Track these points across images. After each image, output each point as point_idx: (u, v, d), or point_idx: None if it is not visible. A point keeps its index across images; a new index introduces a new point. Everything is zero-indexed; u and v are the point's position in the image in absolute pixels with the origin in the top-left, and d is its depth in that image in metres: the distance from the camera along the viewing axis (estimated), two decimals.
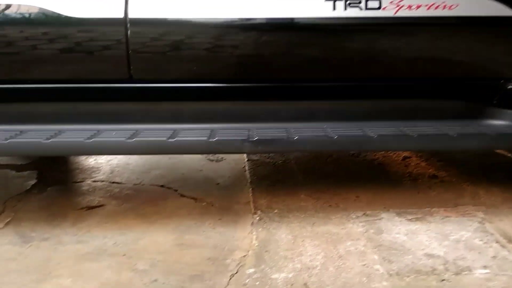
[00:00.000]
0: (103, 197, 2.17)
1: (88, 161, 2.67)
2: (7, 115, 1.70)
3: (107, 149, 1.61)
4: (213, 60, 1.69)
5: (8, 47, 1.59)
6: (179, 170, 2.57)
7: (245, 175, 2.50)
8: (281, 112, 1.79)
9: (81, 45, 1.61)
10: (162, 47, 1.65)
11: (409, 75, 1.79)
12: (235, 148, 1.60)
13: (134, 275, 1.53)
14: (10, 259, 1.62)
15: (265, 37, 1.68)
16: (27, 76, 1.66)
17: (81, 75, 1.67)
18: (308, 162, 2.70)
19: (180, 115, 1.74)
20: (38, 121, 1.67)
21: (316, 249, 1.70)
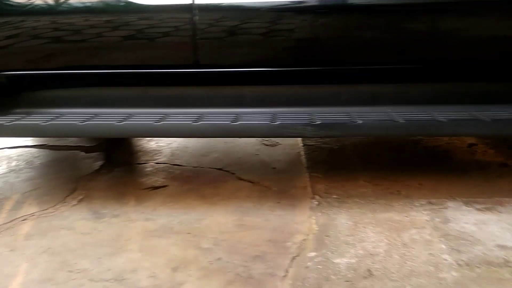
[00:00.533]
0: (165, 178, 2.24)
1: (150, 144, 2.76)
2: (83, 99, 1.78)
3: (174, 131, 1.64)
4: (277, 44, 1.68)
5: (81, 35, 1.65)
6: (236, 154, 2.60)
7: (301, 160, 2.49)
8: (344, 96, 1.76)
9: (151, 32, 1.65)
10: (228, 33, 1.65)
11: (481, 56, 1.69)
12: (297, 132, 1.59)
13: (199, 252, 1.58)
14: (85, 233, 1.72)
15: (328, 19, 1.65)
16: (100, 62, 1.72)
17: (151, 61, 1.71)
18: (366, 148, 2.65)
19: (243, 99, 1.76)
20: (111, 105, 1.74)
21: (378, 236, 1.67)
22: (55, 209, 1.90)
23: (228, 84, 1.78)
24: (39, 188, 2.12)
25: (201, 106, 1.77)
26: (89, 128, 1.62)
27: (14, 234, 1.70)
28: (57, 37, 1.65)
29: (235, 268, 1.48)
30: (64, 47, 1.68)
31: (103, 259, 1.54)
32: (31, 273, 1.46)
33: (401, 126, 1.58)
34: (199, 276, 1.44)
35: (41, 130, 1.62)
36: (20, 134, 1.95)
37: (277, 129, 1.60)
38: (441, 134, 1.87)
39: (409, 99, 1.74)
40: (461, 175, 2.19)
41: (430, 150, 2.57)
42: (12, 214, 1.86)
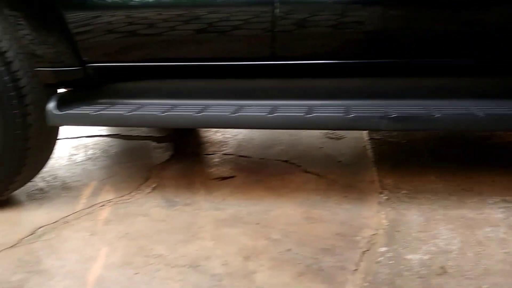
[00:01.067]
0: (233, 169, 2.30)
1: (216, 135, 2.83)
2: (162, 91, 1.86)
3: (249, 123, 1.67)
4: (352, 36, 1.66)
5: (161, 28, 1.70)
6: (300, 146, 2.61)
7: (367, 153, 2.46)
8: (419, 89, 1.72)
9: (229, 25, 1.68)
10: (306, 25, 1.65)
11: None
12: (372, 125, 1.58)
13: (268, 243, 1.62)
14: (160, 220, 1.80)
15: (404, 11, 1.62)
16: (178, 55, 1.78)
17: (228, 53, 1.75)
18: (435, 143, 2.57)
19: (316, 92, 1.76)
20: (188, 97, 1.81)
21: (451, 233, 1.63)
22: (131, 196, 2.01)
23: (302, 77, 1.79)
24: (114, 176, 2.24)
25: (275, 98, 1.78)
26: (169, 119, 1.67)
27: (94, 219, 1.81)
28: (138, 30, 1.71)
29: (305, 260, 1.51)
30: (144, 41, 1.74)
31: (178, 245, 1.61)
32: (111, 257, 1.55)
33: (481, 120, 1.51)
34: (270, 266, 1.48)
35: (125, 120, 1.70)
36: (105, 123, 2.05)
37: (352, 122, 1.59)
38: None
39: (489, 93, 1.66)
40: None
41: (502, 146, 2.45)
42: (91, 200, 1.98)
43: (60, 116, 1.73)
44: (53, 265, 1.51)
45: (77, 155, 2.54)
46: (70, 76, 1.78)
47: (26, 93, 1.72)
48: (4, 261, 1.54)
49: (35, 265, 1.51)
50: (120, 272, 1.46)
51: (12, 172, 1.81)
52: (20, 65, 1.71)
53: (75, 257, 1.55)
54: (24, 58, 1.72)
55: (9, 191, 1.90)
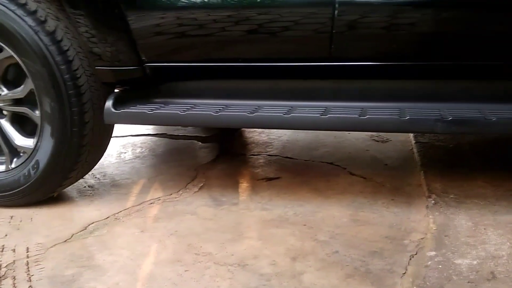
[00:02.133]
0: (278, 170, 2.33)
1: (261, 136, 2.87)
2: (216, 91, 1.88)
3: (302, 124, 1.67)
4: (411, 38, 1.65)
5: (217, 29, 1.72)
6: (346, 149, 2.60)
7: (414, 157, 2.43)
8: (474, 92, 1.68)
9: (288, 26, 1.68)
10: (365, 27, 1.65)
11: None
12: (427, 128, 1.56)
13: (316, 244, 1.63)
14: (208, 219, 1.85)
15: (462, 12, 1.60)
16: (234, 55, 1.79)
17: (284, 54, 1.75)
18: (483, 148, 2.50)
19: (370, 93, 1.76)
20: (241, 97, 1.83)
21: (500, 239, 1.59)
22: (179, 195, 2.06)
23: (358, 78, 1.79)
24: (162, 174, 2.30)
25: (329, 100, 1.78)
26: (223, 118, 1.69)
27: (144, 216, 1.85)
28: (194, 32, 1.73)
29: (352, 262, 1.51)
30: (201, 41, 1.76)
31: (226, 244, 1.64)
32: (161, 254, 1.58)
33: None
34: (318, 268, 1.49)
35: (180, 119, 1.72)
36: (161, 122, 2.10)
37: (406, 124, 1.57)
38: None
39: None
40: None
41: None
42: (140, 198, 2.03)
43: (117, 114, 1.77)
44: (105, 260, 1.55)
45: (126, 153, 2.62)
46: (129, 75, 1.82)
47: (84, 91, 1.78)
48: (57, 255, 1.58)
49: (88, 260, 1.55)
50: (171, 268, 1.49)
51: (67, 168, 1.86)
52: (80, 63, 1.77)
53: (126, 253, 1.58)
54: (84, 57, 1.78)
55: (62, 187, 1.96)
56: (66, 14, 1.75)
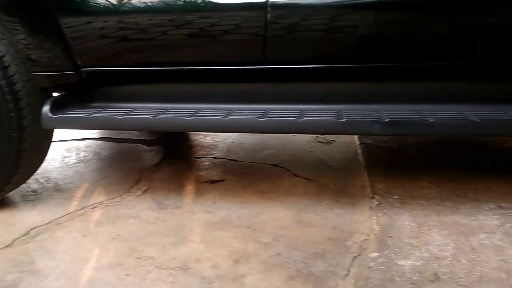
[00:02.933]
0: (223, 172, 2.28)
1: (206, 139, 2.81)
2: (155, 94, 1.85)
3: (240, 127, 1.67)
4: (347, 40, 1.65)
5: (155, 33, 1.71)
6: (290, 150, 2.59)
7: (358, 158, 2.44)
8: (412, 93, 1.71)
9: (222, 29, 1.68)
10: (298, 30, 1.65)
11: None
12: (364, 129, 1.56)
13: (258, 246, 1.59)
14: (150, 222, 1.78)
15: (395, 14, 1.62)
16: (170, 59, 1.78)
17: (220, 58, 1.75)
18: (427, 148, 2.56)
19: (308, 96, 1.75)
20: (179, 101, 1.80)
21: (444, 239, 1.61)
22: (122, 199, 1.98)
23: (294, 81, 1.78)
24: (106, 178, 2.22)
25: (267, 102, 1.78)
26: (161, 122, 1.67)
27: (86, 221, 1.80)
28: (132, 35, 1.71)
29: (295, 264, 1.48)
30: (137, 45, 1.75)
31: (168, 247, 1.59)
32: (103, 258, 1.54)
33: (477, 125, 1.50)
34: (260, 270, 1.45)
35: (118, 123, 1.69)
36: (98, 127, 2.07)
37: (344, 126, 1.58)
38: None
39: (483, 98, 1.66)
40: None
41: (499, 152, 2.45)
42: (83, 202, 1.96)
43: (54, 119, 1.74)
44: (47, 265, 1.51)
45: (70, 157, 2.51)
46: (65, 80, 1.80)
47: (21, 97, 1.74)
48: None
49: (29, 265, 1.51)
50: (112, 273, 1.45)
51: (7, 173, 1.81)
52: (16, 69, 1.73)
53: (68, 258, 1.54)
54: (21, 63, 1.74)
55: (4, 193, 1.91)
56: (1, 21, 1.71)
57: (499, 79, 1.67)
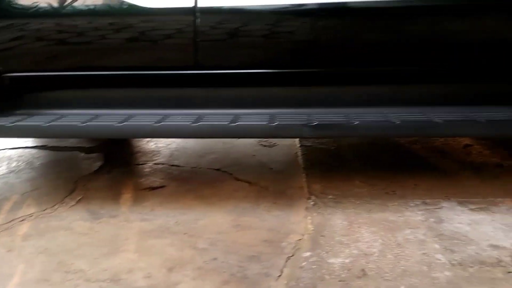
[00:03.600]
0: (164, 178, 2.26)
1: (149, 145, 2.78)
2: (84, 100, 1.81)
3: (174, 132, 1.67)
4: (276, 46, 1.70)
5: (84, 37, 1.68)
6: (233, 154, 2.61)
7: (298, 160, 2.51)
8: (341, 97, 1.78)
9: (152, 34, 1.68)
10: (227, 35, 1.68)
11: (481, 57, 1.71)
12: (294, 133, 1.62)
13: (195, 252, 1.59)
14: (83, 234, 1.74)
15: (328, 22, 1.68)
16: (101, 63, 1.75)
17: (151, 62, 1.74)
18: (362, 149, 2.66)
19: (242, 101, 1.78)
20: (112, 106, 1.77)
21: (373, 236, 1.68)
22: (54, 210, 1.92)
23: (228, 86, 1.80)
24: (38, 189, 2.14)
25: (201, 107, 1.79)
26: (90, 129, 1.64)
27: (12, 235, 1.72)
28: (58, 39, 1.68)
29: (230, 268, 1.50)
30: (65, 49, 1.71)
31: (100, 259, 1.55)
32: (27, 274, 1.48)
33: (398, 126, 1.59)
34: (194, 276, 1.46)
35: (43, 131, 1.64)
36: (22, 135, 1.98)
37: (275, 130, 1.62)
38: (436, 134, 1.88)
39: (406, 100, 1.76)
40: (456, 175, 2.21)
41: (426, 150, 2.59)
42: (10, 215, 1.88)
43: None
44: None
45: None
46: None
47: None
48: None
49: None
50: None
51: None
52: None
53: None
54: None
55: None
56: None
57: (421, 82, 1.78)
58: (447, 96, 1.75)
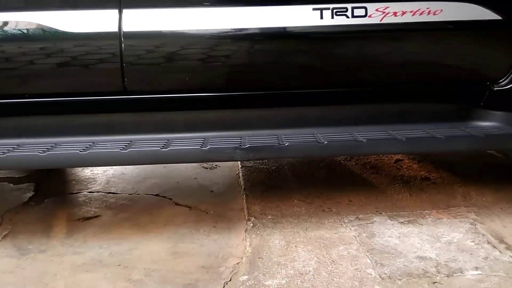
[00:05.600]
0: (99, 207, 2.19)
1: (84, 172, 2.68)
2: (5, 129, 1.72)
3: (102, 160, 1.63)
4: (206, 70, 1.72)
5: (5, 62, 1.63)
6: (174, 178, 2.58)
7: (239, 181, 2.52)
8: (272, 119, 1.81)
9: (77, 59, 1.65)
10: (155, 60, 1.68)
11: (398, 79, 1.82)
12: (227, 156, 1.63)
13: (129, 285, 1.55)
14: (7, 272, 1.64)
15: (256, 46, 1.72)
16: (24, 90, 1.69)
17: (77, 88, 1.70)
18: (301, 167, 2.72)
19: (173, 125, 1.77)
20: (35, 135, 1.70)
21: (309, 255, 1.71)
22: None
23: (158, 110, 1.79)
24: None
25: (131, 133, 1.76)
26: (10, 160, 1.57)
27: None
28: None
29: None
30: None
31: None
32: None
33: (325, 146, 1.65)
34: None
35: None
36: None
37: (208, 154, 1.62)
38: (361, 153, 1.96)
39: (334, 121, 1.82)
40: (387, 190, 2.30)
41: (360, 166, 2.68)
42: None
43: None
44: None
45: None
46: None
47: None
48: None
49: None
50: None
51: None
52: None
53: None
54: None
55: None
56: None
57: (346, 103, 1.85)
58: (370, 115, 1.83)
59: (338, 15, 1.66)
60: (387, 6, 1.66)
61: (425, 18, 1.68)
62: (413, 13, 1.67)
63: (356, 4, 1.66)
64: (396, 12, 1.67)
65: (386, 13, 1.67)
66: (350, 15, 1.66)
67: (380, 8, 1.66)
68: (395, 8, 1.67)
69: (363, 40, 1.77)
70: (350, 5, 1.65)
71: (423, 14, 1.67)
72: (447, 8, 1.68)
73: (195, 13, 1.67)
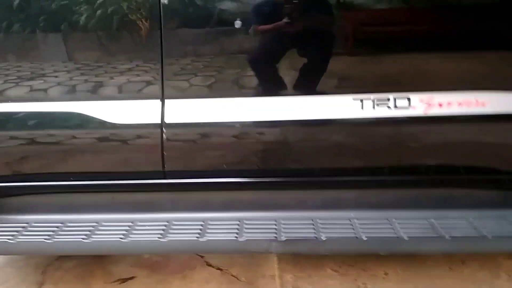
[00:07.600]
0: (133, 266, 2.21)
1: None
2: (51, 204, 1.85)
3: (142, 248, 1.72)
4: (241, 158, 1.73)
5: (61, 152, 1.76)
6: None
7: None
8: (308, 202, 1.79)
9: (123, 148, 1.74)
10: (194, 148, 1.74)
11: (443, 169, 1.75)
12: (263, 249, 1.63)
13: None
14: None
15: (295, 135, 1.73)
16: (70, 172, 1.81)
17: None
18: None
19: (208, 204, 1.82)
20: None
21: None
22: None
23: (195, 190, 1.83)
24: (7, 281, 2.07)
25: (168, 211, 1.82)
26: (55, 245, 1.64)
27: None
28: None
29: None
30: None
31: None
32: None
33: (364, 242, 1.60)
34: None
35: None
36: None
37: (243, 246, 1.63)
38: (404, 251, 1.88)
39: (370, 204, 1.78)
40: (425, 262, 2.20)
41: None
42: None
43: None
44: None
45: None
46: None
47: None
48: None
49: None
50: None
51: None
52: None
53: None
54: None
55: None
56: None
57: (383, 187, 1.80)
58: (407, 200, 1.77)
59: (379, 106, 1.61)
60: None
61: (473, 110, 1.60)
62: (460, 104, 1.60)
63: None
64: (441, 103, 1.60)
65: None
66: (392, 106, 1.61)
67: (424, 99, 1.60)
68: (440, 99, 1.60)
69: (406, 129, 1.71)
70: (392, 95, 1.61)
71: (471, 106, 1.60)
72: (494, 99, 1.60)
73: (239, 103, 1.69)
